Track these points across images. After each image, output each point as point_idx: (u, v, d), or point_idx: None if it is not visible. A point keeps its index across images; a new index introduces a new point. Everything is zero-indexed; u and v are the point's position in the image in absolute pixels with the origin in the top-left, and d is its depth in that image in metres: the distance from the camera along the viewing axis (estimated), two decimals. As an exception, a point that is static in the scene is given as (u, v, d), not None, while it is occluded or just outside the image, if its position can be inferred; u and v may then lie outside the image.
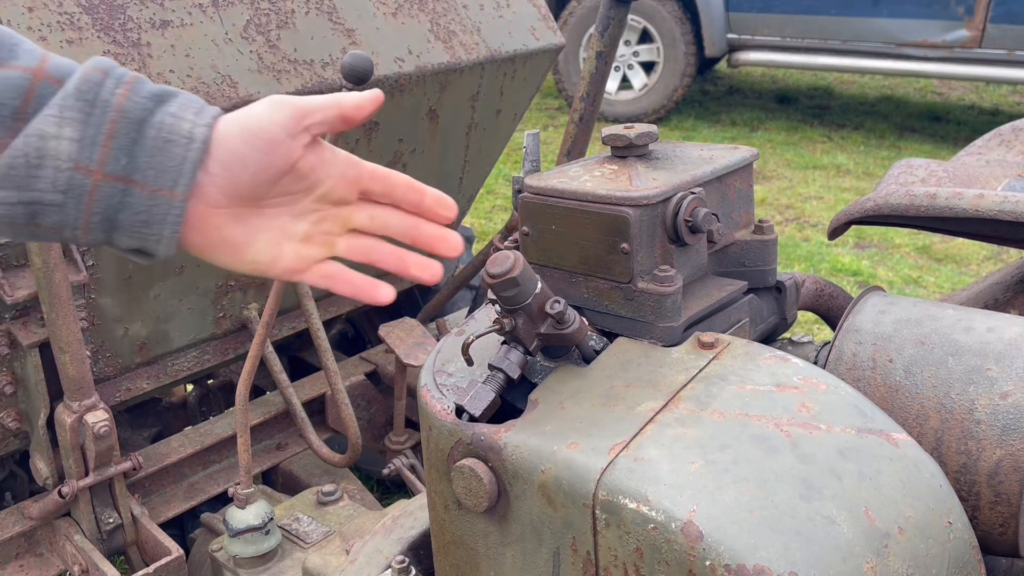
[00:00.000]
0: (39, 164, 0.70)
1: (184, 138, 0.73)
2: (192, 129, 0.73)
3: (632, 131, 1.08)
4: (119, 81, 0.73)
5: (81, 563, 1.82)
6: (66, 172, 0.70)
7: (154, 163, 0.72)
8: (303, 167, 0.79)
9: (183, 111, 0.74)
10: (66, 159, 0.70)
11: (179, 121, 0.73)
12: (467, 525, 0.97)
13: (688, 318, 1.02)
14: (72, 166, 0.70)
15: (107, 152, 0.71)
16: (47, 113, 0.70)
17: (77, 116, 0.71)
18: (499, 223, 5.09)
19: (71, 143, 0.70)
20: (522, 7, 2.41)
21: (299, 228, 0.81)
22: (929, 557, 0.83)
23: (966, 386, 1.00)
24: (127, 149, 0.72)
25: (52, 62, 0.73)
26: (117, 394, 2.00)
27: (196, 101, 0.75)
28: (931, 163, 1.48)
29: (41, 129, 0.70)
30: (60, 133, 0.70)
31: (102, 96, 0.72)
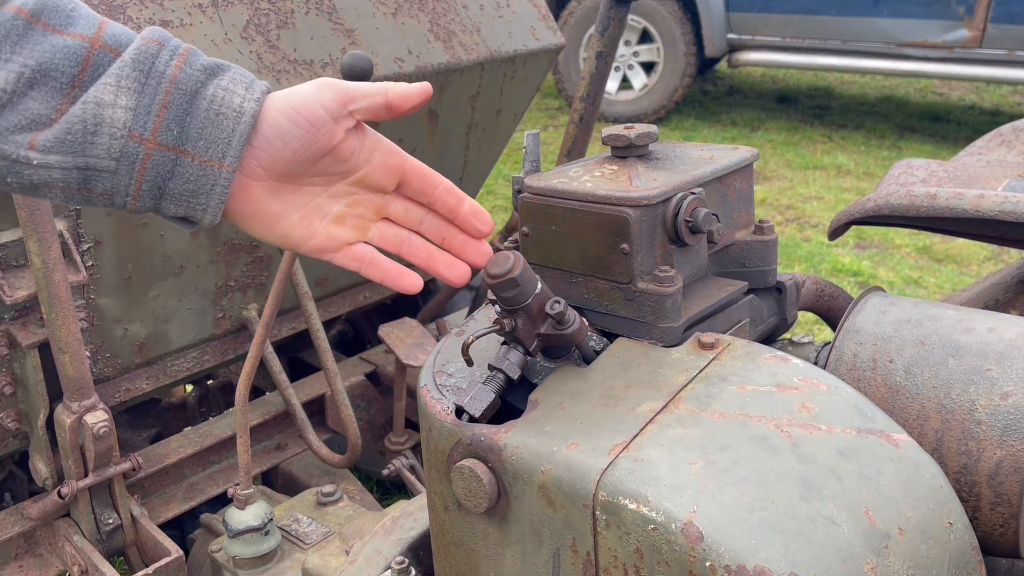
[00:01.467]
0: (96, 131, 0.72)
1: (235, 111, 0.75)
2: (243, 103, 0.76)
3: (632, 131, 1.08)
4: (174, 52, 0.75)
5: (80, 564, 1.82)
6: (120, 140, 0.73)
7: (205, 134, 0.75)
8: (344, 150, 0.81)
9: (234, 85, 0.76)
10: (121, 127, 0.73)
11: (230, 95, 0.76)
12: (467, 526, 0.96)
13: (688, 318, 1.02)
14: (127, 134, 0.73)
15: (160, 122, 0.74)
16: (105, 82, 0.73)
17: (133, 86, 0.73)
18: (499, 223, 5.09)
19: (126, 111, 0.73)
20: (522, 7, 2.41)
21: (334, 208, 0.83)
22: (929, 558, 0.83)
23: (967, 386, 1.00)
24: (180, 120, 0.74)
25: (109, 30, 0.75)
26: (116, 394, 1.99)
27: (247, 75, 0.78)
28: (931, 163, 1.48)
29: (99, 97, 0.72)
30: (116, 101, 0.73)
31: (157, 67, 0.74)
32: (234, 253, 2.05)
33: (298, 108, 0.78)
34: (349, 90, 0.80)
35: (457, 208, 0.86)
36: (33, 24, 0.72)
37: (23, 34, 0.72)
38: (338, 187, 0.83)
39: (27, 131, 0.72)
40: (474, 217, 0.86)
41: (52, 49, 0.72)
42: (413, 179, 0.85)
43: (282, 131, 0.77)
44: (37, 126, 0.72)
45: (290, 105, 0.78)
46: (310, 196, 0.82)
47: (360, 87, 0.80)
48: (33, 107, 0.72)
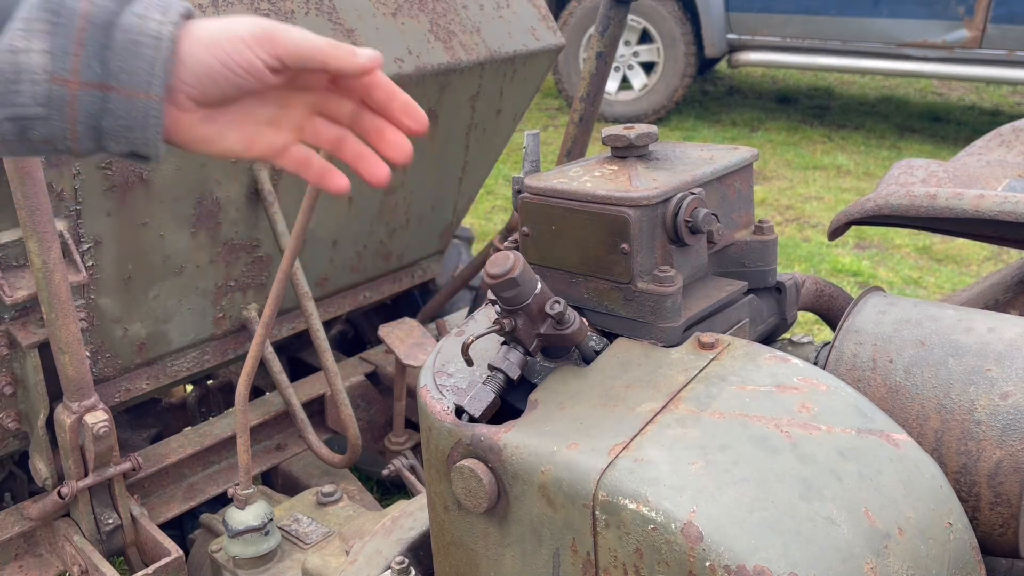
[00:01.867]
0: (16, 79, 0.70)
1: (152, 38, 0.73)
2: (159, 28, 0.73)
3: (632, 131, 1.08)
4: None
5: (80, 564, 1.82)
6: (43, 84, 0.70)
7: (126, 67, 0.72)
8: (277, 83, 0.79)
9: (148, 10, 0.73)
10: (41, 71, 0.70)
11: (145, 21, 0.73)
12: (467, 526, 0.97)
13: (688, 318, 1.02)
14: (48, 78, 0.70)
15: (79, 60, 0.71)
16: (14, 27, 0.70)
17: (44, 28, 0.70)
18: (499, 223, 5.09)
19: (42, 55, 0.70)
20: (522, 7, 2.41)
21: (265, 112, 0.82)
22: (929, 558, 0.83)
23: (966, 387, 1.00)
24: (98, 55, 0.71)
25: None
26: (116, 394, 1.99)
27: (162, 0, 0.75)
28: (931, 163, 1.48)
29: (10, 44, 0.70)
30: (30, 46, 0.70)
31: (66, 3, 0.71)
32: (234, 253, 2.06)
33: (232, 54, 0.75)
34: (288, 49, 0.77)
35: (388, 103, 0.83)
36: None
37: None
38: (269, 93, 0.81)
39: None
40: (404, 114, 0.84)
41: None
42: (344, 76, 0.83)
43: (213, 72, 0.75)
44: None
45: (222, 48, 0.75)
46: (240, 108, 0.80)
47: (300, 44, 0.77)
48: None
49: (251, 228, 2.05)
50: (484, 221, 5.14)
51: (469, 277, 2.48)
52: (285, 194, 2.07)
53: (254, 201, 2.02)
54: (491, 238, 2.22)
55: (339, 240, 2.31)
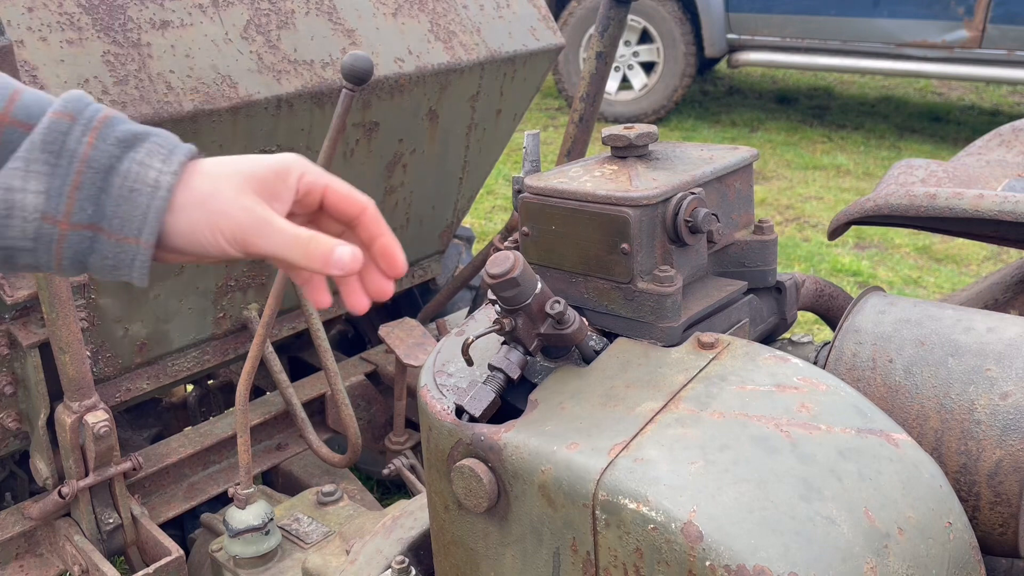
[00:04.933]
0: (8, 215, 0.71)
1: (149, 187, 0.73)
2: (158, 177, 0.74)
3: (632, 131, 1.08)
4: (87, 127, 0.73)
5: (81, 563, 1.82)
6: (33, 223, 0.72)
7: (120, 212, 0.73)
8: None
9: (150, 158, 0.74)
10: (32, 211, 0.71)
11: (145, 169, 0.74)
12: (467, 525, 0.97)
13: (688, 318, 1.02)
14: (39, 217, 0.72)
15: (73, 203, 0.72)
16: (13, 166, 0.71)
17: (43, 169, 0.71)
18: (499, 223, 5.09)
19: (37, 195, 0.71)
20: (522, 7, 2.41)
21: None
22: (929, 557, 0.83)
23: (966, 386, 1.00)
24: (93, 198, 0.72)
25: (20, 103, 0.73)
26: (117, 394, 2.00)
27: (167, 143, 0.75)
28: (931, 163, 1.48)
29: (7, 182, 0.71)
30: (26, 187, 0.71)
31: (68, 146, 0.72)
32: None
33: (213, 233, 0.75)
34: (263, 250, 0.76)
35: (372, 242, 0.83)
36: None
37: None
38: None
39: None
40: (382, 258, 0.83)
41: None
42: (333, 202, 0.82)
43: (198, 236, 0.76)
44: None
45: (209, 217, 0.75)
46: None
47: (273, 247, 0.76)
48: None
49: (251, 228, 2.05)
50: (484, 221, 5.14)
51: (469, 277, 2.48)
52: (285, 194, 2.06)
53: (254, 201, 2.01)
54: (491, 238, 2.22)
55: (339, 240, 2.31)
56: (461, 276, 2.51)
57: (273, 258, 0.77)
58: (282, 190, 0.79)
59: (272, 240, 0.76)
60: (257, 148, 1.89)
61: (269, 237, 0.76)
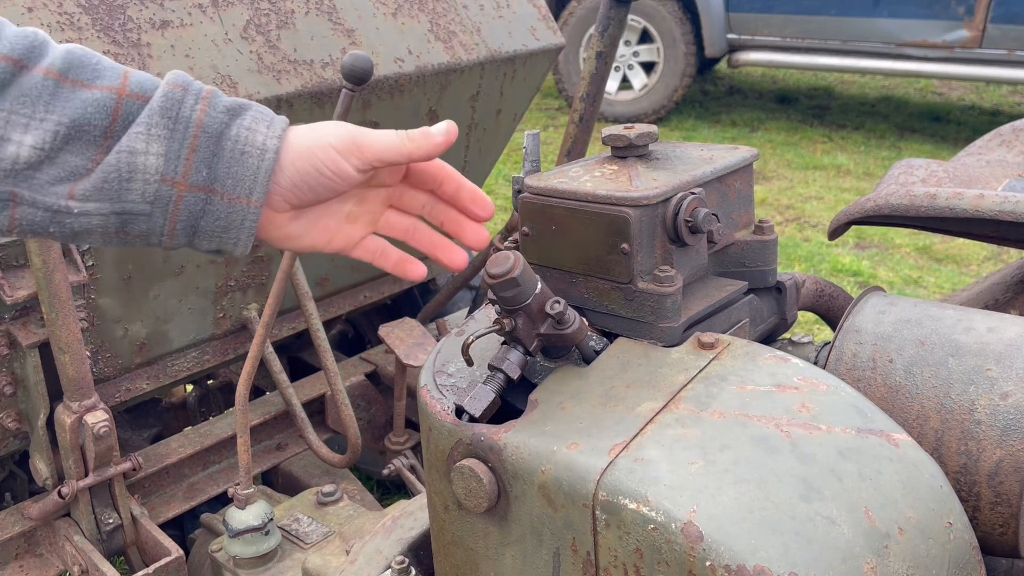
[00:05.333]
0: (130, 177, 0.77)
1: (258, 150, 0.80)
2: (265, 141, 0.80)
3: (632, 131, 1.08)
4: (197, 97, 0.79)
5: (81, 563, 1.82)
6: (154, 184, 0.77)
7: (232, 173, 0.79)
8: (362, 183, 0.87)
9: (256, 123, 0.80)
10: (154, 172, 0.77)
11: (253, 134, 0.80)
12: (467, 526, 0.97)
13: (688, 318, 1.02)
14: (159, 178, 0.77)
15: (190, 165, 0.78)
16: (136, 131, 0.77)
17: (163, 133, 0.77)
18: (499, 223, 5.08)
19: (158, 158, 0.77)
20: (522, 7, 2.41)
21: (345, 208, 0.89)
22: (929, 558, 0.83)
23: (966, 386, 1.00)
24: (208, 161, 0.78)
25: (134, 79, 0.79)
26: (117, 394, 1.99)
27: (267, 113, 0.82)
28: (931, 163, 1.48)
29: (131, 146, 0.77)
30: (148, 149, 0.77)
31: (183, 112, 0.78)
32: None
33: (326, 162, 0.82)
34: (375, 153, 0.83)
35: (457, 194, 0.90)
36: (62, 82, 0.76)
37: (54, 93, 0.76)
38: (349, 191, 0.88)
39: (66, 182, 0.76)
40: (472, 203, 0.90)
41: (83, 104, 0.76)
42: (415, 171, 0.90)
43: (309, 179, 0.82)
44: (75, 177, 0.76)
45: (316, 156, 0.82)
46: (325, 207, 0.88)
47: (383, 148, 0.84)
48: (71, 160, 0.76)
49: (251, 228, 2.05)
50: (484, 221, 5.13)
51: (469, 277, 2.48)
52: (285, 194, 2.06)
53: (254, 201, 2.01)
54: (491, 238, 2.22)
55: (339, 240, 2.31)
56: (461, 276, 2.51)
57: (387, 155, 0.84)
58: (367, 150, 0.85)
59: (378, 139, 0.83)
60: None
61: (375, 137, 0.83)
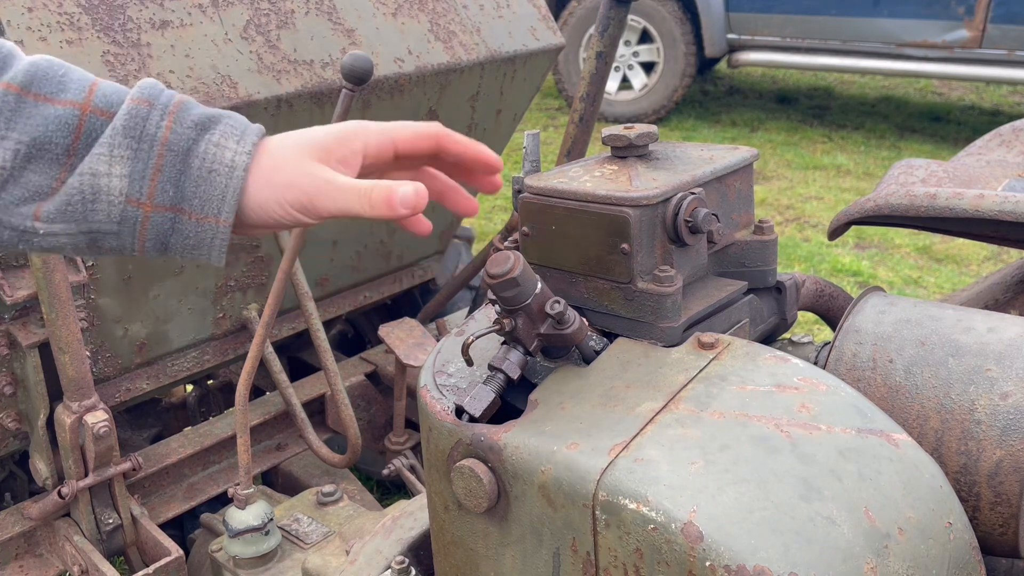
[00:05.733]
0: (94, 199, 0.75)
1: (226, 167, 0.77)
2: (234, 158, 0.77)
3: (632, 131, 1.08)
4: (164, 111, 0.76)
5: (81, 564, 1.82)
6: (119, 206, 0.75)
7: (199, 192, 0.76)
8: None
9: (225, 139, 0.77)
10: (118, 194, 0.75)
11: (222, 150, 0.77)
12: (467, 526, 0.97)
13: (688, 318, 1.02)
14: (124, 200, 0.75)
15: (155, 185, 0.76)
16: (98, 151, 0.75)
17: (126, 153, 0.75)
18: (499, 223, 5.09)
19: (121, 179, 0.75)
20: (522, 7, 2.41)
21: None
22: (929, 558, 0.83)
23: (966, 386, 1.00)
24: (174, 180, 0.76)
25: (99, 93, 0.77)
26: (117, 394, 1.99)
27: (239, 125, 0.79)
28: (931, 163, 1.48)
29: (94, 168, 0.74)
30: (111, 171, 0.75)
31: (148, 131, 0.75)
32: (234, 253, 2.06)
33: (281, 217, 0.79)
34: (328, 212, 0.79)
35: (463, 158, 0.88)
36: (24, 97, 0.74)
37: (15, 109, 0.74)
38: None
39: (30, 203, 0.75)
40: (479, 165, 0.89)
41: (44, 121, 0.74)
42: (407, 150, 0.87)
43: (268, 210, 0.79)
44: (39, 197, 0.75)
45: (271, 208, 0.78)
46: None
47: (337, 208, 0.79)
48: (33, 180, 0.74)
49: (251, 228, 2.05)
50: (484, 221, 5.14)
51: (469, 277, 2.48)
52: (285, 194, 2.06)
53: (254, 201, 2.01)
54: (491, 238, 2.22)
55: (339, 240, 2.31)
56: (461, 276, 2.51)
57: (343, 216, 0.80)
58: (348, 156, 0.82)
59: (337, 199, 0.79)
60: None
61: (333, 197, 0.79)
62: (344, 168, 0.81)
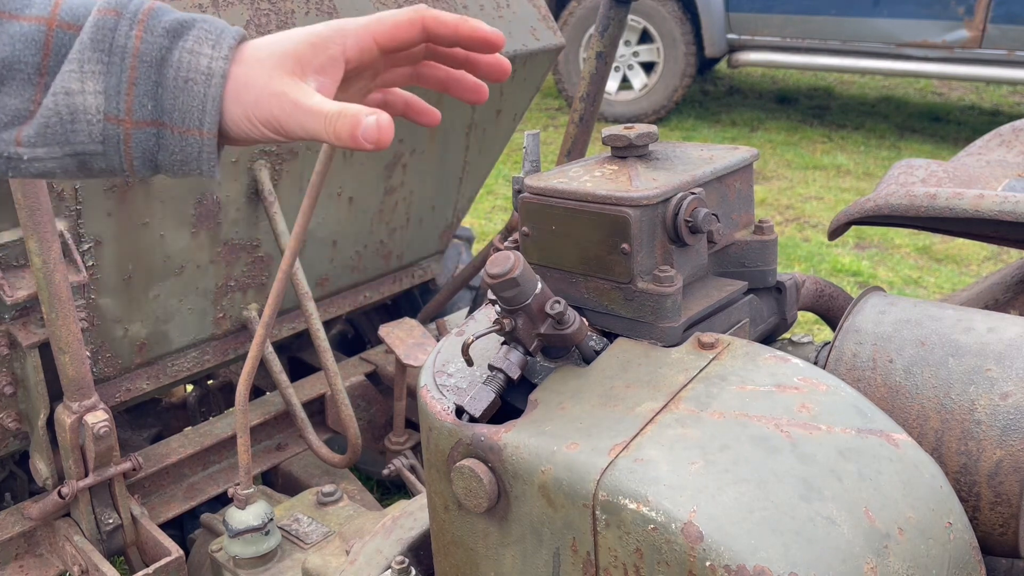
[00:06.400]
0: (72, 119, 0.71)
1: (203, 75, 0.73)
2: (210, 64, 0.73)
3: (632, 131, 1.08)
4: (133, 20, 0.72)
5: (81, 564, 1.82)
6: (99, 124, 0.72)
7: (178, 104, 0.72)
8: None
9: (199, 45, 0.73)
10: (95, 112, 0.71)
11: (196, 57, 0.73)
12: (467, 526, 0.97)
13: (688, 318, 1.02)
14: (103, 117, 0.72)
15: (132, 100, 0.72)
16: (68, 68, 0.71)
17: (97, 68, 0.71)
18: (499, 223, 5.09)
19: (96, 95, 0.71)
20: (522, 7, 2.41)
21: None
22: (929, 558, 0.83)
23: (966, 386, 1.00)
24: (151, 93, 0.72)
25: (65, 6, 0.72)
26: (117, 394, 2.00)
27: (214, 28, 0.74)
28: (931, 163, 1.48)
29: (66, 86, 0.71)
30: (84, 88, 0.71)
31: (118, 42, 0.71)
32: (234, 253, 2.06)
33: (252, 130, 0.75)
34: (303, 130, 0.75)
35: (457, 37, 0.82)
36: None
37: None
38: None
39: (11, 127, 0.72)
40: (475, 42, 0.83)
41: (11, 40, 0.71)
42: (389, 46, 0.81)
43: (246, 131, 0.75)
44: (19, 120, 0.72)
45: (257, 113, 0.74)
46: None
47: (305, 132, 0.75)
48: (10, 103, 0.71)
49: (251, 228, 2.05)
50: (484, 221, 5.14)
51: (469, 277, 2.48)
52: (285, 194, 2.07)
53: (254, 201, 2.02)
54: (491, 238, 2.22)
55: (339, 240, 2.31)
56: (461, 276, 2.51)
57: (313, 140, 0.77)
58: (326, 63, 0.77)
59: (304, 123, 0.74)
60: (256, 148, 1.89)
61: (300, 122, 0.75)
62: (323, 77, 0.76)
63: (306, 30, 0.77)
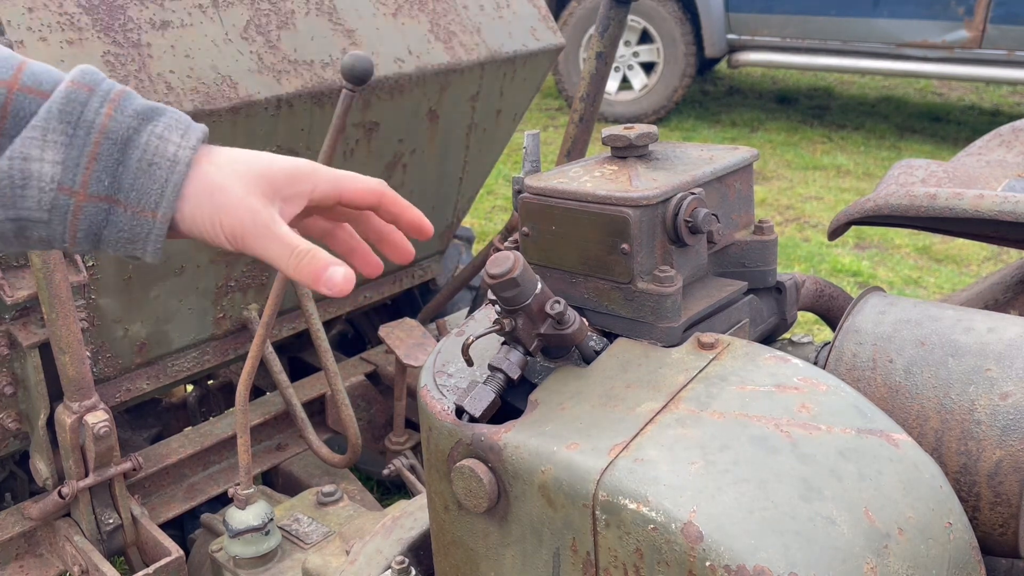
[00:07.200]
0: (24, 184, 0.71)
1: (168, 161, 0.73)
2: (177, 152, 0.74)
3: (632, 131, 1.08)
4: (105, 98, 0.73)
5: (81, 564, 1.82)
6: (50, 193, 0.71)
7: (137, 185, 0.73)
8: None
9: (169, 132, 0.74)
10: (49, 181, 0.71)
11: (165, 143, 0.74)
12: (467, 526, 0.97)
13: (688, 318, 1.02)
14: (56, 187, 0.71)
15: (90, 174, 0.72)
16: (30, 135, 0.71)
17: (60, 139, 0.71)
18: (499, 223, 5.09)
19: (54, 165, 0.71)
20: (522, 7, 2.41)
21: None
22: (929, 558, 0.83)
23: (966, 387, 1.00)
24: (111, 170, 0.72)
25: (28, 71, 0.73)
26: (117, 395, 2.00)
27: (183, 120, 0.76)
28: (931, 163, 1.48)
29: (25, 152, 0.70)
30: (43, 156, 0.71)
31: (86, 116, 0.72)
32: (234, 253, 2.05)
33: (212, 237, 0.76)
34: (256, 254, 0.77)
35: (399, 220, 0.87)
36: None
37: None
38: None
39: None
40: (411, 230, 0.88)
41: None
42: (350, 201, 0.85)
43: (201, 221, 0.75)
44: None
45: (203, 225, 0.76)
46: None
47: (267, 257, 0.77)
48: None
49: (251, 228, 2.05)
50: (484, 221, 5.14)
51: (469, 277, 2.48)
52: (285, 194, 2.06)
53: (254, 201, 2.01)
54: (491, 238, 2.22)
55: (339, 240, 2.31)
56: (461, 276, 2.51)
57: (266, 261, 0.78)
58: (293, 196, 0.80)
59: (269, 247, 0.77)
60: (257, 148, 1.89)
61: (267, 244, 0.76)
62: (287, 206, 0.79)
63: (284, 160, 0.80)
